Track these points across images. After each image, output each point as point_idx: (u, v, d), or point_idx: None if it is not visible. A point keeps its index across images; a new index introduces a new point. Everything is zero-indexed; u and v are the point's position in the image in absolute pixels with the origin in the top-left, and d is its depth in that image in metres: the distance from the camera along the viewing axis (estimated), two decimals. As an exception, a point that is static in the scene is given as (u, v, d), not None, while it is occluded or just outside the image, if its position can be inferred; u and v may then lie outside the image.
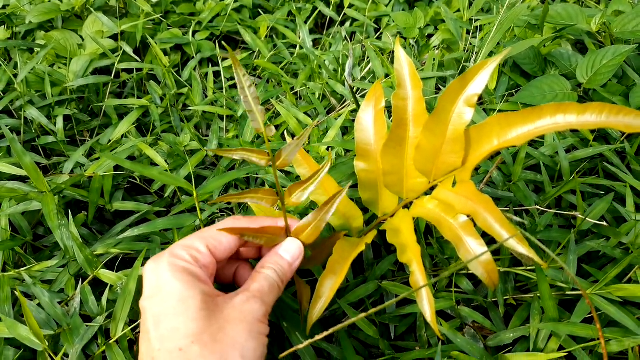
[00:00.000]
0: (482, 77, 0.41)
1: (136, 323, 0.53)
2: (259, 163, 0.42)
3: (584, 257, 0.64)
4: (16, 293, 0.52)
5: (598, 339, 0.53)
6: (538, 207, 0.64)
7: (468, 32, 0.97)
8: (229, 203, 0.69)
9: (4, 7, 1.01)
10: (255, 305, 0.38)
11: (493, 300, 0.59)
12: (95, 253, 0.58)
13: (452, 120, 0.42)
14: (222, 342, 0.35)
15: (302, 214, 0.63)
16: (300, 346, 0.36)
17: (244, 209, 0.67)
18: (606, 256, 0.63)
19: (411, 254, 0.43)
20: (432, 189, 0.47)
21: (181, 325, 0.35)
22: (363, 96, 0.85)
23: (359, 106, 0.52)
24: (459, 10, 1.06)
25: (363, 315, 0.34)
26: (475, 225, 0.41)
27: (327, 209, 0.45)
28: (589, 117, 0.37)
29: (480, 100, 0.86)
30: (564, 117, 0.37)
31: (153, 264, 0.39)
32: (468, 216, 0.42)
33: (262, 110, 0.41)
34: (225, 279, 0.48)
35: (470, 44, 0.94)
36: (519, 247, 0.38)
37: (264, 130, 0.40)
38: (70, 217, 0.58)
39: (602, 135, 0.79)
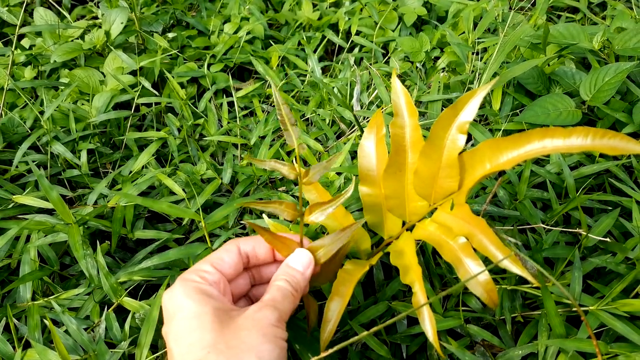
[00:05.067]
0: (473, 105, 0.43)
1: (161, 352, 0.56)
2: (288, 176, 0.45)
3: (592, 273, 0.65)
4: (45, 321, 0.56)
5: (606, 354, 0.54)
6: (543, 225, 0.66)
7: (476, 53, 0.99)
8: (243, 228, 0.72)
9: (30, 47, 1.07)
10: (267, 311, 0.40)
11: (501, 318, 0.61)
12: (118, 280, 0.61)
13: (447, 146, 0.44)
14: (236, 348, 0.37)
15: (313, 237, 0.66)
16: (308, 365, 0.38)
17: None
18: (614, 272, 0.64)
19: (413, 275, 0.45)
20: (434, 211, 0.49)
21: (197, 339, 0.37)
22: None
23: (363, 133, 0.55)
24: (464, 32, 1.08)
25: (366, 333, 0.36)
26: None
27: (343, 237, 0.47)
28: (575, 141, 0.39)
29: (486, 121, 0.88)
30: (551, 141, 0.39)
31: (168, 292, 0.42)
32: (466, 238, 0.44)
33: (296, 130, 0.45)
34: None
35: (476, 65, 0.97)
36: (513, 267, 0.39)
37: (297, 147, 0.44)
38: (98, 247, 0.61)
39: (608, 151, 0.80)
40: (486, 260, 0.60)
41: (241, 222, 0.71)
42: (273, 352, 0.38)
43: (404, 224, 0.53)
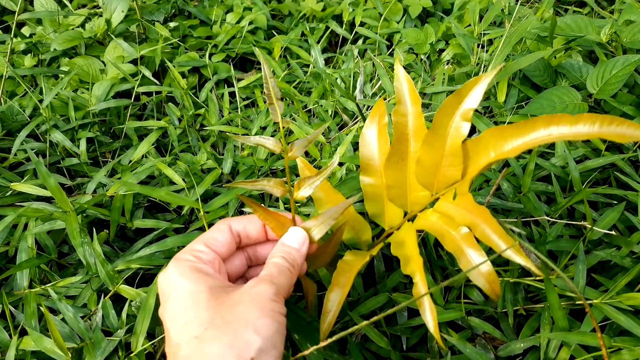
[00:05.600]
0: (477, 92, 0.42)
1: (157, 338, 0.55)
2: (273, 149, 0.45)
3: (597, 266, 0.64)
4: (42, 308, 0.55)
5: (609, 348, 0.53)
6: (547, 217, 0.65)
7: (481, 47, 0.98)
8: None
9: (30, 35, 1.07)
10: (264, 285, 0.39)
11: (503, 310, 0.60)
12: (116, 269, 0.60)
13: (450, 134, 0.43)
14: (234, 322, 0.36)
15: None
16: (307, 352, 0.37)
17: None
18: (619, 266, 0.63)
19: (414, 266, 0.44)
20: (436, 202, 0.48)
21: (193, 317, 0.37)
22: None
23: (365, 122, 0.54)
24: (470, 25, 1.07)
25: (365, 323, 0.36)
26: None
27: (335, 212, 0.47)
28: (582, 128, 0.38)
29: (491, 113, 0.87)
30: (557, 129, 0.38)
31: (163, 274, 0.41)
32: (469, 228, 0.43)
33: (281, 105, 0.45)
34: None
35: (481, 58, 0.96)
36: (516, 257, 0.39)
37: (280, 121, 0.44)
38: (95, 235, 0.61)
39: (615, 145, 0.79)
40: (489, 252, 0.59)
41: (241, 210, 0.71)
42: (271, 326, 0.37)
43: (405, 214, 0.52)
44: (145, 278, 0.66)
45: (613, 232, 0.60)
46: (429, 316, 0.42)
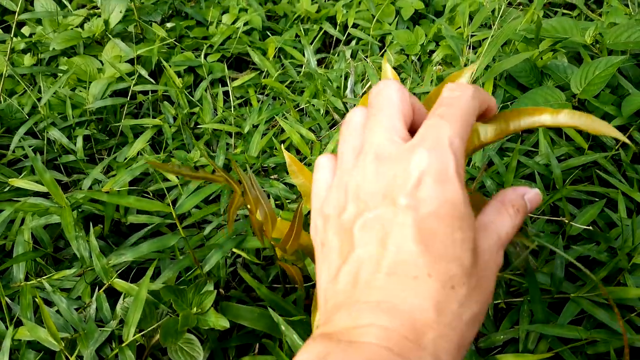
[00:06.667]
0: (454, 91, 0.44)
1: (149, 329, 0.57)
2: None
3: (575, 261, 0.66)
4: (37, 300, 0.57)
5: (584, 339, 0.55)
6: (529, 214, 0.67)
7: (471, 48, 1.00)
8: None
9: (30, 35, 1.09)
10: (501, 255, 0.28)
11: (485, 304, 0.62)
12: (110, 263, 0.62)
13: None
14: (481, 292, 0.26)
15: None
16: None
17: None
18: (598, 261, 0.65)
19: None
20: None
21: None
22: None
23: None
24: (461, 27, 1.09)
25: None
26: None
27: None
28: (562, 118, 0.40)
29: (478, 113, 0.89)
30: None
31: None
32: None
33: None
34: None
35: (469, 59, 0.98)
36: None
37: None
38: (91, 229, 0.62)
39: (598, 144, 0.81)
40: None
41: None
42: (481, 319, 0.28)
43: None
44: (138, 272, 0.68)
45: (590, 227, 0.61)
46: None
